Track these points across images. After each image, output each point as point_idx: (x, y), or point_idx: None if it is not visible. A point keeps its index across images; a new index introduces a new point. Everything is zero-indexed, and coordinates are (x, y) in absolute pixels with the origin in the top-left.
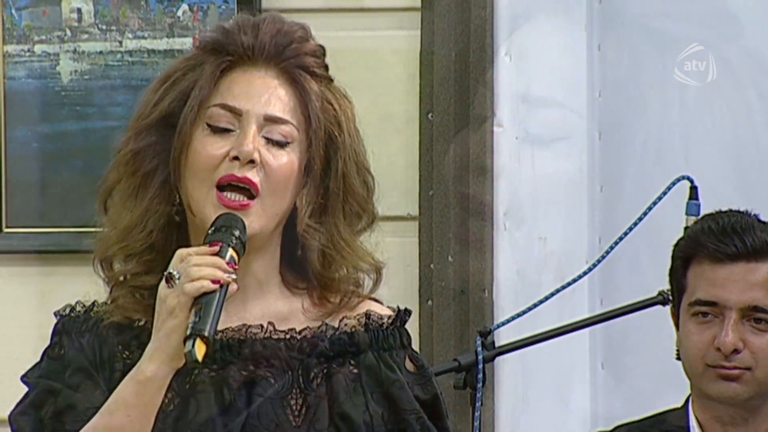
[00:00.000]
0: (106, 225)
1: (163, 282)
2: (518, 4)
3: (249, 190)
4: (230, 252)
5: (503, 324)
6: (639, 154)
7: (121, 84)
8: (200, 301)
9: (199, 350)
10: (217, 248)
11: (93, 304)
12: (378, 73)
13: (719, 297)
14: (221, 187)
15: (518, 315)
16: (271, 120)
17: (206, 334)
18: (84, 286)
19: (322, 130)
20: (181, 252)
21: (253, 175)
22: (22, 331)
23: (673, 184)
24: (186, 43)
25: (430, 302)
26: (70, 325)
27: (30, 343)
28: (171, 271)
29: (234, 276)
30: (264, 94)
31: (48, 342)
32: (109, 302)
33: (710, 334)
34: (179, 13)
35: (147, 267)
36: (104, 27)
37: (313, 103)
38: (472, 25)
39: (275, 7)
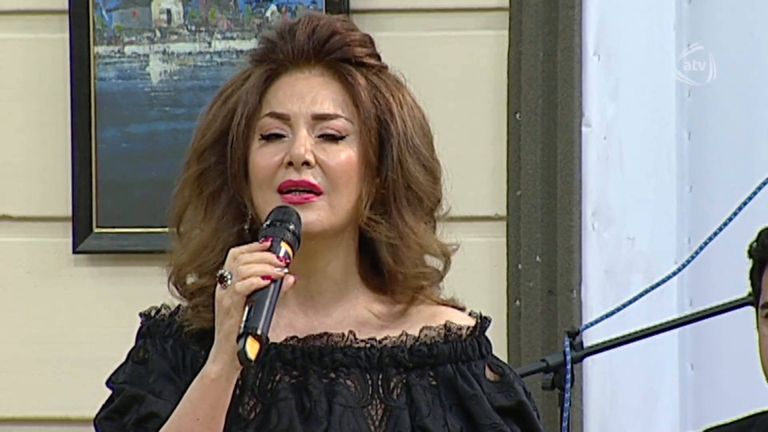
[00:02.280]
0: (178, 248)
1: (218, 284)
2: (607, 4)
3: (311, 192)
4: (283, 246)
5: (592, 324)
6: (729, 154)
7: (209, 85)
8: (252, 299)
9: (251, 349)
10: (268, 243)
11: (178, 307)
12: (466, 73)
13: None
14: (283, 192)
15: (607, 315)
16: (320, 118)
17: (258, 332)
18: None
19: (372, 119)
20: (233, 251)
21: (311, 177)
22: (111, 331)
23: (764, 183)
24: None
25: (518, 302)
26: (155, 328)
27: (119, 344)
28: (223, 271)
29: (286, 270)
30: (308, 94)
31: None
32: (190, 309)
33: None
34: (268, 13)
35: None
36: (193, 28)
37: (359, 94)
38: (561, 25)
39: (363, 8)
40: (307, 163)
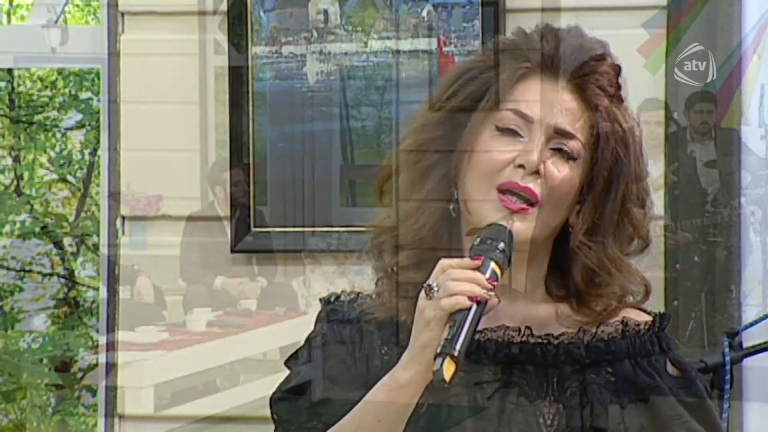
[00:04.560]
0: (381, 213)
1: (422, 293)
2: (766, 1)
3: (529, 199)
4: (492, 266)
5: (751, 325)
6: None
7: (365, 85)
8: (455, 318)
9: (447, 370)
10: (479, 262)
11: (358, 295)
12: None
13: None
14: (502, 191)
15: (766, 316)
16: (560, 133)
17: (455, 353)
18: (330, 285)
19: (609, 150)
20: (443, 263)
21: (536, 186)
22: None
23: None
24: (431, 43)
25: (676, 302)
26: (334, 314)
27: (279, 340)
28: (430, 282)
29: (492, 293)
30: (557, 105)
31: (306, 332)
32: (374, 296)
33: None
34: (423, 13)
35: (414, 261)
36: (350, 28)
37: (603, 123)
38: (719, 23)
39: (519, 7)
40: (537, 172)
